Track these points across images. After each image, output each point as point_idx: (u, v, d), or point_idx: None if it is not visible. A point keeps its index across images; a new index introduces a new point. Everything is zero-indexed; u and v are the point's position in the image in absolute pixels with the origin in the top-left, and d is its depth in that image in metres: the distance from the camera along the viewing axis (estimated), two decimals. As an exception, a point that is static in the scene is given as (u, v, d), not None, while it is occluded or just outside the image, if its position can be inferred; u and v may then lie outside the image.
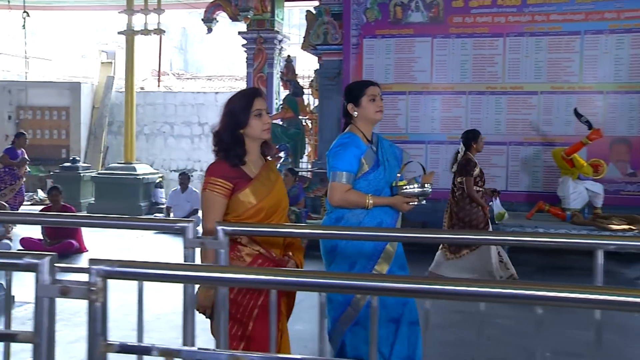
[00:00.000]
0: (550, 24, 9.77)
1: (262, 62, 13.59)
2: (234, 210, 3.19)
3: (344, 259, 3.74)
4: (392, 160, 3.88)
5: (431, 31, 10.19)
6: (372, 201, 3.68)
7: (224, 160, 3.22)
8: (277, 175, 3.42)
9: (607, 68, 9.58)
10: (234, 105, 3.26)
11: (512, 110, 9.91)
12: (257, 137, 3.25)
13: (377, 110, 3.83)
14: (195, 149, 17.45)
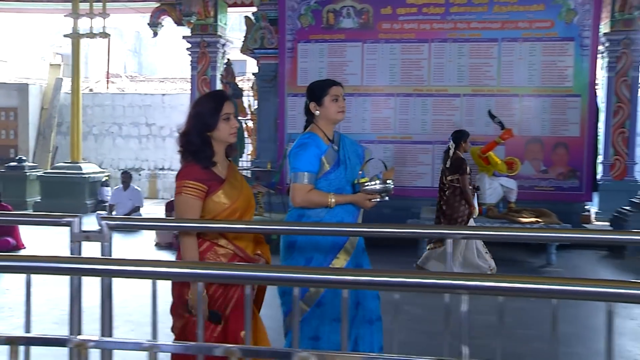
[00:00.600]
0: (470, 31, 10.25)
1: (205, 65, 13.88)
2: (209, 212, 3.17)
3: (302, 253, 3.69)
4: (354, 158, 3.81)
5: (362, 36, 10.55)
6: (334, 200, 3.62)
7: (195, 163, 3.17)
8: (241, 176, 3.43)
9: (521, 73, 10.10)
10: (203, 108, 3.22)
11: (437, 111, 10.34)
12: (224, 140, 3.22)
13: (339, 111, 3.73)
14: (143, 149, 17.59)
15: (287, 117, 10.71)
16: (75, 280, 2.39)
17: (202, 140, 3.16)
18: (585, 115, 10.01)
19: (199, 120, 3.19)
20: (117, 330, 2.66)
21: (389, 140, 10.37)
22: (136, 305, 5.78)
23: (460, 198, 7.68)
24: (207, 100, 3.30)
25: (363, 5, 10.53)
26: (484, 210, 8.97)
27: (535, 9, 10.06)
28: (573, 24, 9.98)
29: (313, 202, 3.64)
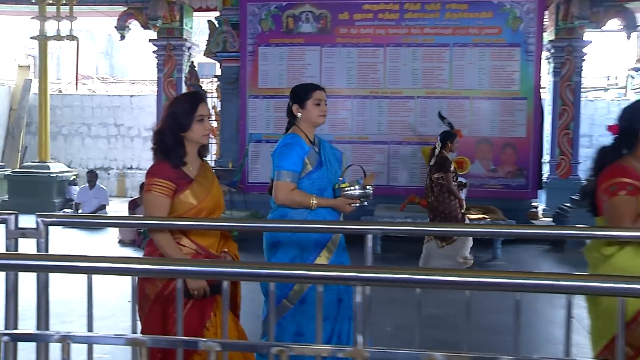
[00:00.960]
0: (424, 36, 10.34)
1: (171, 67, 13.76)
2: (176, 211, 3.13)
3: (285, 252, 3.65)
4: (333, 161, 3.82)
5: (320, 41, 10.58)
6: (316, 202, 3.59)
7: (165, 161, 3.15)
8: (213, 176, 3.36)
9: (472, 77, 10.21)
10: (178, 109, 3.18)
11: (392, 113, 10.41)
12: (197, 141, 3.19)
13: (320, 115, 3.73)
14: (111, 149, 17.43)
15: (248, 118, 10.70)
16: (11, 276, 2.35)
17: (175, 140, 3.13)
18: (531, 117, 10.18)
19: (174, 120, 3.15)
20: (72, 325, 2.56)
21: (346, 140, 10.39)
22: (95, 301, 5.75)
23: (449, 195, 7.71)
24: (182, 101, 3.26)
25: (321, 10, 10.56)
26: (435, 207, 9.07)
27: (484, 16, 10.20)
28: (519, 31, 10.14)
29: (295, 201, 3.60)
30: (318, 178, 3.68)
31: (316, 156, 3.71)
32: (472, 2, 10.27)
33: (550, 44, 11.93)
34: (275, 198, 3.62)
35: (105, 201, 11.75)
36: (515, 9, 10.13)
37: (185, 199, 3.12)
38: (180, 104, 3.20)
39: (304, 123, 3.73)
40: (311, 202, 3.57)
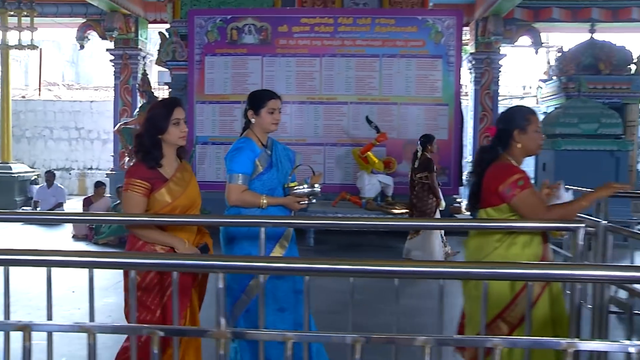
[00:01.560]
0: (356, 47, 10.59)
1: (127, 75, 13.85)
2: (151, 208, 3.15)
3: (242, 247, 3.61)
4: (285, 162, 3.80)
5: (261, 51, 10.74)
6: (266, 201, 3.57)
7: (142, 163, 3.16)
8: (191, 176, 3.35)
9: (399, 84, 10.50)
10: (155, 113, 3.19)
11: (328, 117, 10.64)
12: (174, 143, 3.20)
13: (273, 123, 3.70)
14: (72, 151, 17.39)
15: (195, 122, 10.81)
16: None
17: (153, 142, 3.14)
18: (452, 121, 10.52)
19: (151, 124, 3.16)
20: (15, 314, 2.55)
21: (285, 142, 10.40)
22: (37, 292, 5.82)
23: (429, 193, 7.85)
24: (159, 106, 3.27)
25: (262, 23, 10.74)
26: (363, 203, 9.35)
27: (409, 31, 10.51)
28: (441, 44, 10.48)
29: (246, 202, 3.58)
30: (268, 179, 3.66)
31: (267, 158, 3.69)
32: (399, 18, 10.59)
33: (471, 56, 12.40)
34: (228, 199, 3.60)
35: (62, 199, 11.75)
36: (437, 25, 10.47)
37: (161, 197, 3.14)
38: (157, 109, 3.22)
39: (257, 128, 3.70)
40: (261, 201, 3.56)
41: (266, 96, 3.73)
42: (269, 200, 3.58)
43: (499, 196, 3.19)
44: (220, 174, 10.70)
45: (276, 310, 3.57)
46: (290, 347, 1.99)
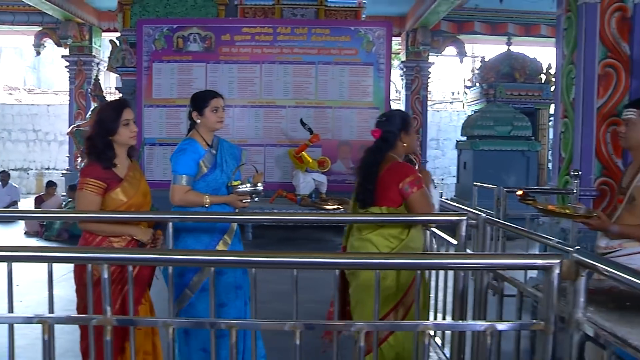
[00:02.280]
0: (294, 55, 10.61)
1: (82, 80, 13.61)
2: (108, 207, 3.07)
3: (186, 242, 3.50)
4: (231, 161, 3.66)
5: (205, 58, 10.66)
6: (209, 200, 3.46)
7: (97, 163, 3.07)
8: (141, 174, 3.29)
9: (334, 90, 10.56)
10: (104, 115, 3.11)
11: (268, 120, 10.63)
12: (124, 143, 3.13)
13: (218, 121, 3.59)
14: (30, 152, 17.01)
15: (144, 125, 10.67)
16: None
17: (105, 143, 3.06)
18: (382, 123, 10.65)
19: (102, 125, 3.08)
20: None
21: None
22: None
23: None
24: (108, 108, 3.17)
25: (207, 32, 10.68)
26: (298, 200, 9.39)
27: (343, 40, 10.59)
28: (372, 52, 10.59)
29: (190, 202, 3.46)
30: (213, 180, 3.54)
31: (212, 158, 3.57)
32: (334, 28, 10.66)
33: (402, 64, 12.59)
34: (171, 200, 3.50)
35: (17, 197, 11.48)
36: (368, 35, 10.59)
37: (116, 197, 3.07)
38: (106, 111, 3.13)
39: (203, 128, 3.58)
40: (205, 200, 3.45)
41: (208, 96, 3.66)
42: (212, 199, 3.47)
43: (399, 192, 3.27)
44: (167, 173, 10.49)
45: (217, 305, 3.44)
46: (235, 335, 1.96)
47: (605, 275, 1.82)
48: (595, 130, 5.55)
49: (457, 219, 2.87)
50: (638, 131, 2.97)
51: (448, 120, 15.89)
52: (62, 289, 5.15)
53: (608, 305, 2.25)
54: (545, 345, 1.93)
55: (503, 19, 12.91)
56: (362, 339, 1.83)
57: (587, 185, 5.55)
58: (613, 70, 5.58)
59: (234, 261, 2.17)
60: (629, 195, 3.04)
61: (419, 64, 12.38)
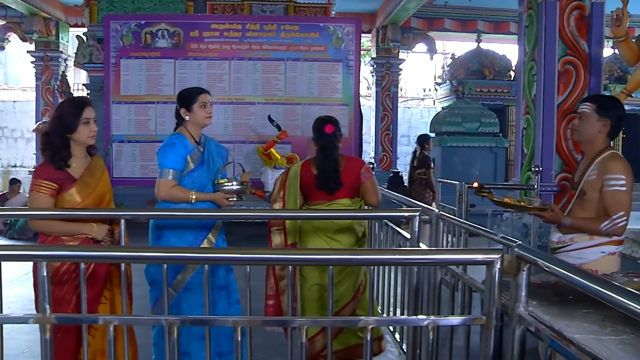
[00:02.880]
0: (263, 51, 10.57)
1: (49, 76, 13.40)
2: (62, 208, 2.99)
3: (169, 239, 3.44)
4: (218, 159, 3.60)
5: (174, 54, 10.57)
6: (195, 197, 3.39)
7: (50, 163, 2.96)
8: (102, 173, 3.17)
9: (303, 86, 10.56)
10: (64, 112, 2.99)
11: (237, 116, 10.59)
12: (83, 142, 3.03)
13: (206, 116, 3.53)
14: (-5, 148, 16.74)
15: (112, 122, 10.56)
16: None
17: (62, 141, 2.95)
18: (352, 120, 10.66)
19: (60, 122, 2.97)
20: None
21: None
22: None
23: (426, 187, 7.99)
24: (69, 105, 3.05)
25: (175, 28, 10.59)
26: (267, 197, 9.35)
27: (312, 36, 10.60)
28: (341, 49, 10.61)
29: (175, 197, 3.39)
30: (199, 176, 3.47)
31: (199, 155, 3.50)
32: (302, 24, 10.65)
33: (372, 60, 12.62)
34: (157, 194, 3.42)
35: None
36: (337, 31, 10.60)
37: (70, 197, 2.97)
38: (66, 108, 3.02)
39: (191, 124, 3.53)
40: (190, 197, 3.38)
41: (196, 92, 3.62)
42: (198, 195, 3.40)
43: (358, 180, 3.58)
44: (137, 170, 10.51)
45: (201, 305, 3.32)
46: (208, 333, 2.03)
47: (545, 270, 1.85)
48: (556, 127, 5.65)
49: (410, 215, 2.90)
50: (591, 125, 3.02)
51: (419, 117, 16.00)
52: (24, 287, 5.10)
53: (551, 299, 2.29)
54: (487, 339, 1.95)
55: (473, 16, 13.02)
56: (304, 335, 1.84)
57: (548, 181, 5.64)
58: (572, 67, 5.68)
59: (191, 258, 2.16)
60: (580, 190, 3.10)
61: (389, 60, 12.43)
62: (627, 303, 1.37)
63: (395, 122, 12.61)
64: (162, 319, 2.07)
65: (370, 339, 1.89)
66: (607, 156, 3.02)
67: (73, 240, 3.01)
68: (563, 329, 1.88)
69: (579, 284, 1.61)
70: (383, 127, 12.63)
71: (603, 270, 2.85)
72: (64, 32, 13.60)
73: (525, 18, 6.07)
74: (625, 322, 1.89)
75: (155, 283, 3.39)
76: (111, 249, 2.43)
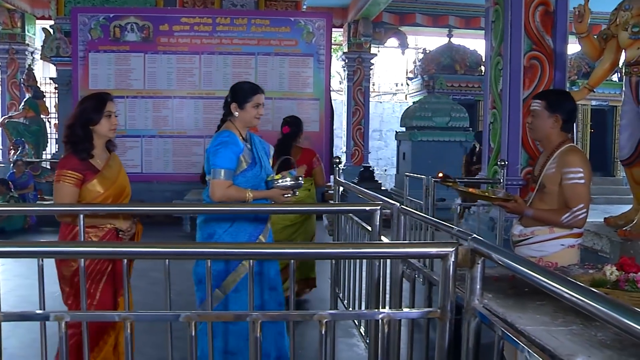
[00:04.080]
0: (233, 46, 10.51)
1: (14, 70, 13.17)
2: (84, 199, 3.04)
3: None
4: (264, 156, 3.49)
5: (143, 48, 10.45)
6: (252, 195, 3.27)
7: (74, 154, 3.05)
8: (119, 167, 3.24)
9: (274, 81, 10.53)
10: (89, 105, 3.09)
11: (207, 111, 10.47)
12: (104, 135, 3.12)
13: (256, 117, 3.44)
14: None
15: (80, 116, 10.45)
16: None
17: (85, 133, 3.04)
18: (323, 114, 10.65)
19: (84, 115, 3.06)
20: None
21: (167, 135, 10.41)
22: None
23: None
24: (92, 98, 3.15)
25: (144, 22, 10.46)
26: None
27: (283, 31, 10.56)
28: (312, 43, 10.59)
29: (232, 197, 3.25)
30: (253, 176, 3.36)
31: (250, 154, 3.39)
32: (273, 19, 10.60)
33: (344, 55, 12.63)
34: (212, 196, 3.27)
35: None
36: (308, 25, 10.57)
37: (93, 188, 3.04)
38: (90, 101, 3.11)
39: (239, 122, 3.41)
40: (247, 195, 3.27)
41: (252, 90, 3.46)
42: (254, 194, 3.30)
43: (311, 165, 5.32)
44: (106, 165, 10.38)
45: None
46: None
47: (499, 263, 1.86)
48: (522, 121, 5.70)
49: (371, 209, 2.90)
50: (543, 122, 3.05)
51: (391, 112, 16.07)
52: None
53: (507, 291, 2.32)
54: (442, 332, 1.96)
55: (444, 11, 13.09)
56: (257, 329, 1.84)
57: (514, 175, 5.70)
58: (538, 62, 5.74)
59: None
60: (539, 183, 3.13)
61: (360, 55, 12.45)
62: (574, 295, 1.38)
63: (367, 117, 12.64)
64: (167, 314, 2.05)
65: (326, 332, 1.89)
66: (565, 150, 3.06)
67: (97, 231, 3.09)
68: (515, 320, 1.89)
69: (529, 276, 1.63)
70: (355, 122, 12.66)
71: (563, 263, 2.89)
72: (31, 25, 13.34)
73: (492, 13, 6.12)
74: (576, 313, 1.91)
75: (202, 283, 3.27)
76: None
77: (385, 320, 1.95)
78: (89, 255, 2.32)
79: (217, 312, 2.93)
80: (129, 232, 3.15)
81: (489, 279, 2.45)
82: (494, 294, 2.26)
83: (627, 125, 4.61)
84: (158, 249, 1.94)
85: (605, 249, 4.48)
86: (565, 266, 2.73)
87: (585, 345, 1.64)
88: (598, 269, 2.41)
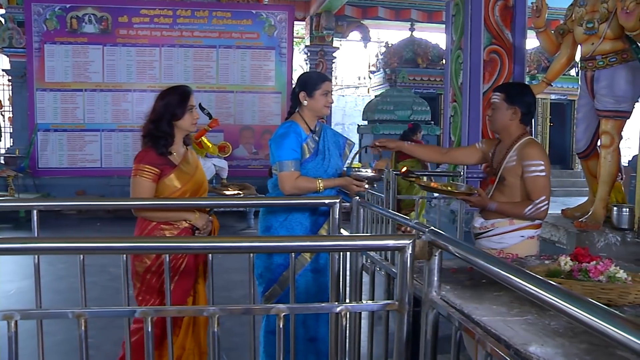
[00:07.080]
0: (194, 38, 10.42)
1: (-34, 62, 12.75)
2: (162, 193, 3.01)
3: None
4: (334, 149, 3.35)
5: (102, 40, 10.28)
6: (322, 184, 3.20)
7: (152, 149, 3.01)
8: (196, 162, 3.21)
9: (235, 74, 10.47)
10: (172, 99, 3.05)
11: (168, 105, 10.41)
12: (186, 129, 3.09)
13: (326, 105, 3.29)
14: None
15: (36, 109, 10.17)
16: None
17: (169, 127, 3.01)
18: (285, 108, 10.63)
19: (167, 109, 3.02)
20: None
21: (128, 129, 10.25)
22: None
23: None
24: (174, 93, 3.09)
25: (103, 13, 10.27)
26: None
27: (244, 23, 10.50)
28: (274, 36, 10.57)
29: (302, 189, 3.19)
30: (313, 168, 3.27)
31: (314, 145, 3.29)
32: (235, 11, 10.53)
33: (306, 48, 12.58)
34: (283, 190, 3.20)
35: None
36: (270, 18, 10.54)
37: (170, 183, 3.01)
38: (172, 96, 3.07)
39: (308, 111, 3.29)
40: (317, 185, 3.20)
41: (320, 79, 3.33)
42: (325, 182, 3.21)
43: None
44: (64, 160, 10.17)
45: (306, 339, 3.24)
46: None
47: (456, 255, 1.87)
48: (482, 115, 5.77)
49: (330, 202, 2.90)
50: (502, 114, 3.09)
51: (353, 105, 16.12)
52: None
53: (465, 283, 2.34)
54: (401, 324, 1.97)
55: (406, 5, 13.14)
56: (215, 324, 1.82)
57: (475, 168, 5.76)
58: (497, 56, 5.81)
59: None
60: (499, 176, 3.17)
61: (323, 48, 12.41)
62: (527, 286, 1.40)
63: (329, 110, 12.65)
64: (124, 310, 1.99)
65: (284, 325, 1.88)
66: (525, 142, 3.10)
67: (172, 229, 3.04)
68: (472, 311, 1.91)
69: (485, 268, 1.64)
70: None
71: (523, 254, 2.92)
72: (-16, 15, 12.91)
73: (453, 7, 6.17)
74: (531, 303, 1.94)
75: (262, 277, 3.26)
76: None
77: (343, 314, 1.95)
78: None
79: (175, 307, 2.88)
80: (205, 231, 3.09)
81: (447, 271, 2.47)
82: (452, 285, 2.28)
83: (583, 118, 4.70)
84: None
85: (563, 240, 4.57)
86: (523, 257, 2.77)
87: (539, 334, 1.66)
88: (553, 260, 2.45)
